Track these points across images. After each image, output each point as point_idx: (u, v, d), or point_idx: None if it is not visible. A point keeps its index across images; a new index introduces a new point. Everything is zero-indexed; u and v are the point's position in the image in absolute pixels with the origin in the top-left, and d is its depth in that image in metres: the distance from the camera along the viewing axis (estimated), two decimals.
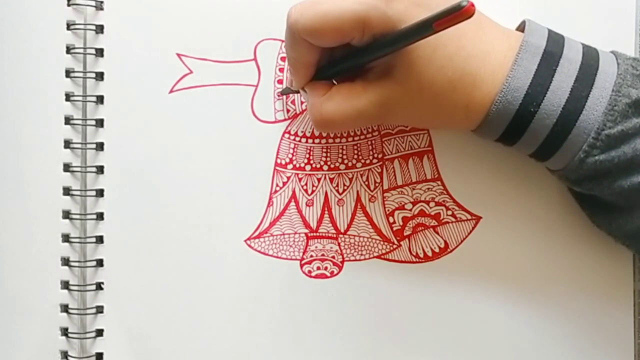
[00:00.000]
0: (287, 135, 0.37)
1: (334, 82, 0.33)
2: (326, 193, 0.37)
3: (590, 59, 0.31)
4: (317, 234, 0.37)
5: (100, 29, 0.37)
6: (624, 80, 0.30)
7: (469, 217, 0.37)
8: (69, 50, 0.37)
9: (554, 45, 0.31)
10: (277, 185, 0.37)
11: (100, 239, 0.37)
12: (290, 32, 0.30)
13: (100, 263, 0.37)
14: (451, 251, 0.37)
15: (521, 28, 0.33)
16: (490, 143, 0.35)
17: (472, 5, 0.25)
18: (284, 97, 0.37)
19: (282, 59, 0.37)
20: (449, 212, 0.37)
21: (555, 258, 0.37)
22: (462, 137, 0.37)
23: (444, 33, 0.27)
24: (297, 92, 0.35)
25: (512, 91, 0.30)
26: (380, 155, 0.37)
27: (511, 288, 0.37)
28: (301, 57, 0.32)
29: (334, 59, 0.32)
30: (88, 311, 0.37)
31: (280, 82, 0.37)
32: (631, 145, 0.30)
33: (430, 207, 0.37)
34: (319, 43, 0.30)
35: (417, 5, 0.29)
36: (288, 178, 0.37)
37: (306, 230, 0.37)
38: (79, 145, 0.37)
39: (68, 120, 0.37)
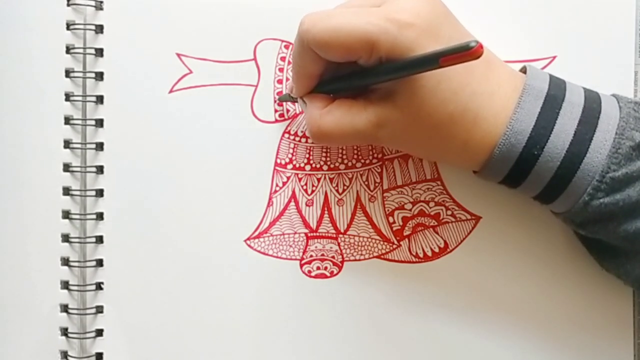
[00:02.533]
0: (287, 135, 0.37)
1: (331, 96, 0.33)
2: (326, 193, 0.37)
3: (592, 103, 0.30)
4: (317, 234, 0.37)
5: (99, 29, 0.37)
6: (626, 123, 0.30)
7: (469, 217, 0.37)
8: (68, 50, 0.37)
9: (556, 89, 0.30)
10: (277, 185, 0.37)
11: (100, 239, 0.37)
12: (300, 40, 0.31)
13: (100, 263, 0.37)
14: (451, 251, 0.37)
15: (523, 71, 0.32)
16: None
17: (481, 47, 0.24)
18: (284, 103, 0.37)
19: (282, 58, 0.37)
20: (449, 212, 0.37)
21: (554, 257, 0.37)
22: None
23: (451, 67, 0.26)
24: (295, 100, 0.35)
25: (516, 134, 0.30)
26: (380, 155, 0.37)
27: (510, 287, 0.37)
28: (306, 66, 0.32)
29: (338, 75, 0.32)
30: (88, 311, 0.37)
31: (280, 82, 0.37)
32: (636, 188, 0.30)
33: (430, 207, 0.37)
34: (326, 56, 0.30)
35: (429, 36, 0.29)
36: (288, 178, 0.37)
37: (306, 230, 0.37)
38: (79, 145, 0.37)
39: (68, 120, 0.37)
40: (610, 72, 0.36)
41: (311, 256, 0.37)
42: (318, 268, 0.37)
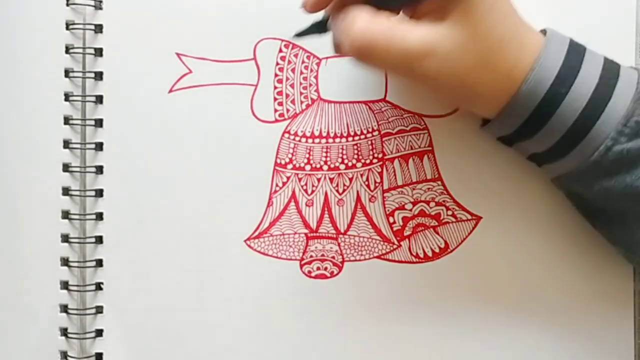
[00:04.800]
0: (286, 135, 0.37)
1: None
2: (326, 193, 0.37)
3: (611, 61, 0.31)
4: (317, 234, 0.37)
5: (99, 28, 0.37)
6: None
7: (469, 217, 0.37)
8: (68, 50, 0.37)
9: (576, 44, 0.31)
10: (276, 185, 0.37)
11: (99, 239, 0.37)
12: None
13: (99, 263, 0.37)
14: (451, 251, 0.37)
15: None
16: (490, 143, 0.35)
17: None
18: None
19: (282, 58, 0.37)
20: (449, 212, 0.37)
21: (555, 258, 0.37)
22: (462, 136, 0.37)
23: None
24: (322, 31, 0.32)
25: (544, 70, 0.29)
26: (380, 155, 0.37)
27: (511, 288, 0.37)
28: None
29: None
30: (87, 311, 0.37)
31: (280, 81, 0.37)
32: None
33: (431, 207, 0.37)
34: None
35: None
36: (288, 178, 0.37)
37: (306, 231, 0.37)
38: (78, 145, 0.37)
39: (67, 120, 0.37)
40: None
41: (311, 256, 0.37)
42: (318, 268, 0.37)
